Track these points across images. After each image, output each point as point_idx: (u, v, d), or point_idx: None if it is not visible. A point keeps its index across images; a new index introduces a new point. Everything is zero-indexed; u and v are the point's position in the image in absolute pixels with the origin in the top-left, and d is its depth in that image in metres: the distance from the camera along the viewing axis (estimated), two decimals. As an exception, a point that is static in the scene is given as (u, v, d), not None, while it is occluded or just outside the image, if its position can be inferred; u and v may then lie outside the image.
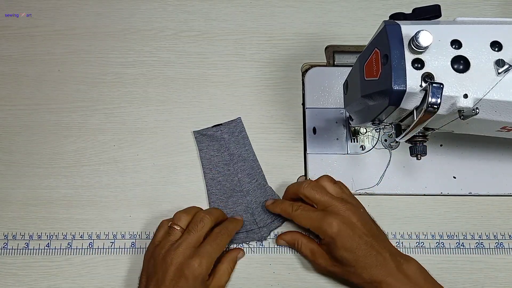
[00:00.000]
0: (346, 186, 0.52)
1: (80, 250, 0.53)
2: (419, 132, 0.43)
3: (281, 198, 0.54)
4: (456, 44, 0.38)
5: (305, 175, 0.55)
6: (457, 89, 0.37)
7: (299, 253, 0.51)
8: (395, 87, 0.37)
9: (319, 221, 0.47)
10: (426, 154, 0.46)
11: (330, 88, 0.58)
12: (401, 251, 0.52)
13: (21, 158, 0.56)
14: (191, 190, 0.55)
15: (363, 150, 0.56)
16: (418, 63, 0.37)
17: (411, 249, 0.53)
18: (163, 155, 0.56)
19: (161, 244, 0.47)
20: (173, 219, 0.49)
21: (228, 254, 0.51)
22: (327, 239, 0.47)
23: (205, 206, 0.54)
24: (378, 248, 0.46)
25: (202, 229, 0.47)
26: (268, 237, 0.53)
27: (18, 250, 0.53)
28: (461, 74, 0.37)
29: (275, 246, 0.53)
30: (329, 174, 0.53)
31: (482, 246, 0.53)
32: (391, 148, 0.56)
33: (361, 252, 0.46)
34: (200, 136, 0.56)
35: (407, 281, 0.45)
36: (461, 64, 0.38)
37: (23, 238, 0.53)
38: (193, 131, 0.56)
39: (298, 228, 0.53)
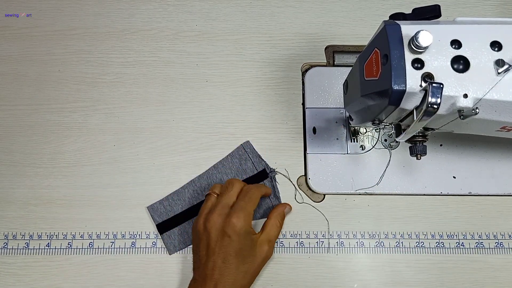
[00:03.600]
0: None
1: (80, 250, 0.53)
2: (419, 132, 0.43)
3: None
4: (456, 44, 0.38)
5: (305, 175, 0.55)
6: (457, 89, 0.37)
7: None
8: (395, 87, 0.37)
9: None
10: (426, 154, 0.46)
11: (330, 88, 0.58)
12: (401, 250, 0.53)
13: (21, 158, 0.56)
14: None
15: (363, 150, 0.56)
16: (418, 63, 0.37)
17: (411, 248, 0.53)
18: (163, 155, 0.56)
19: (200, 213, 0.49)
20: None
21: (275, 210, 0.52)
22: None
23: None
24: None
25: (233, 189, 0.49)
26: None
27: (18, 250, 0.53)
28: (461, 74, 0.37)
29: (275, 246, 0.53)
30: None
31: (482, 246, 0.53)
32: (391, 148, 0.56)
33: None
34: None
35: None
36: (461, 64, 0.38)
37: (23, 238, 0.53)
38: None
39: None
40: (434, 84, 0.35)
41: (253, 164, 0.55)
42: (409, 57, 0.37)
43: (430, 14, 0.42)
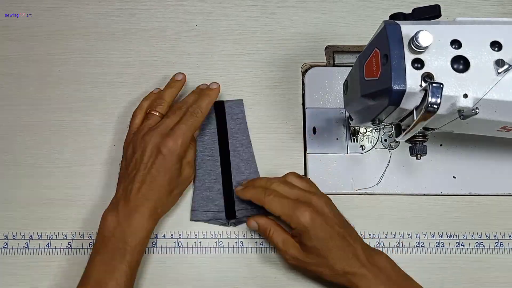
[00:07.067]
0: (313, 182, 0.52)
1: (80, 250, 0.53)
2: (419, 132, 0.43)
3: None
4: (456, 44, 0.38)
5: (305, 175, 0.55)
6: (457, 89, 0.37)
7: (269, 241, 0.50)
8: (395, 87, 0.37)
9: (292, 209, 0.46)
10: (426, 154, 0.46)
11: (330, 88, 0.58)
12: (401, 250, 0.53)
13: (21, 158, 0.56)
14: (191, 189, 0.54)
15: (363, 150, 0.56)
16: (418, 63, 0.37)
17: (411, 248, 0.53)
18: (163, 155, 0.56)
19: (140, 129, 0.51)
20: (150, 106, 0.53)
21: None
22: (299, 228, 0.45)
23: (205, 206, 0.54)
24: (349, 240, 0.46)
25: (180, 115, 0.50)
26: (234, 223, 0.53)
27: (19, 250, 0.53)
28: (461, 74, 0.37)
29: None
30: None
31: (482, 246, 0.53)
32: (391, 148, 0.56)
33: (334, 243, 0.45)
34: None
35: (379, 272, 0.45)
36: (461, 64, 0.38)
37: (23, 238, 0.53)
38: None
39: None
40: (434, 84, 0.35)
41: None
42: (409, 57, 0.37)
43: (430, 14, 0.42)
